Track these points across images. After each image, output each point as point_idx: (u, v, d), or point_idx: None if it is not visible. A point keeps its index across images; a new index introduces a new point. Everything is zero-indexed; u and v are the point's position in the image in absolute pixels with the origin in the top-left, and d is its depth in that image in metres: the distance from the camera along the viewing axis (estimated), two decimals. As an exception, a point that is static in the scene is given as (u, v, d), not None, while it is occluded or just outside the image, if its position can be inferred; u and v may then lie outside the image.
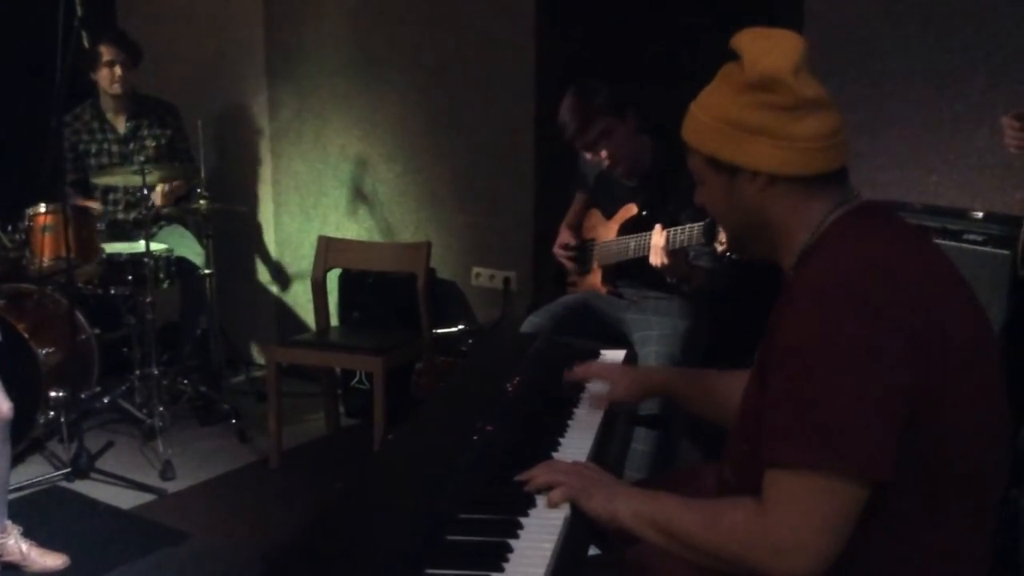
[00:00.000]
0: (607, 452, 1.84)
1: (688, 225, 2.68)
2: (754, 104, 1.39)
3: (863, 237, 1.37)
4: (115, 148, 4.25)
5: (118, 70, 4.11)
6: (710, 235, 2.57)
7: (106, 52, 4.08)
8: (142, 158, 3.98)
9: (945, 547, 1.35)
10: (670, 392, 2.00)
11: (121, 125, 4.27)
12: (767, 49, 1.39)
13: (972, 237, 2.51)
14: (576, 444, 1.80)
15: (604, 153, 2.96)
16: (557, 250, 3.31)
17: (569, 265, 3.30)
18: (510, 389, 2.05)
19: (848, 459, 1.23)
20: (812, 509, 1.25)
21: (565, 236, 3.29)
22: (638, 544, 1.50)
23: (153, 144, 4.27)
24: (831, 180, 1.42)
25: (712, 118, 1.43)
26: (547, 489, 1.51)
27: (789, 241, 1.44)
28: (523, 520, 1.44)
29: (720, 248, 2.53)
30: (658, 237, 2.76)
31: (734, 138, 1.40)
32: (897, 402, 1.25)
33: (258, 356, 4.89)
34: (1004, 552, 2.15)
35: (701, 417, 1.92)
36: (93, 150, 4.25)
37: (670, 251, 2.74)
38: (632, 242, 3.01)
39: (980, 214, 2.62)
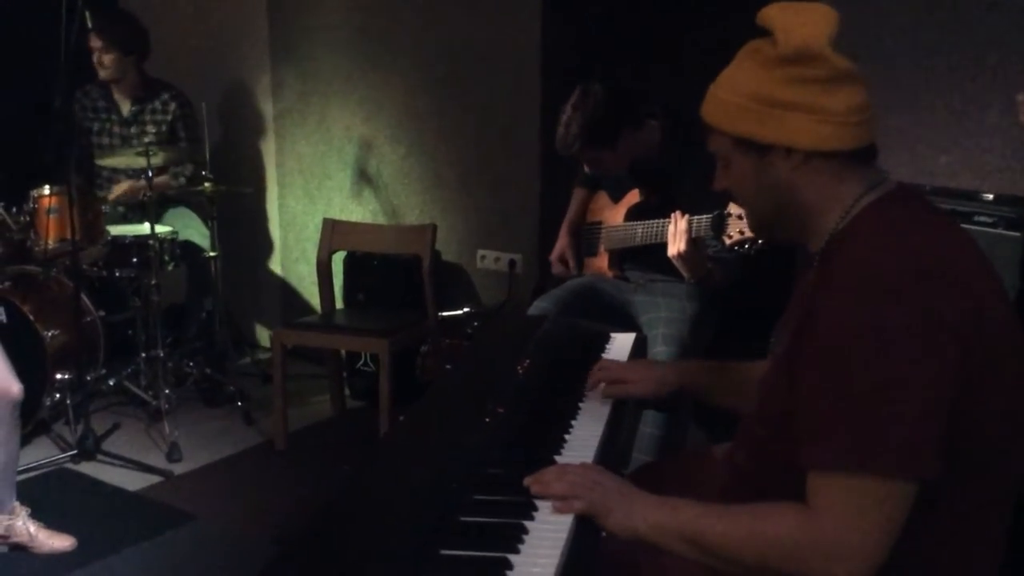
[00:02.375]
0: (618, 435, 1.83)
1: (696, 217, 2.65)
2: (788, 79, 1.35)
3: (899, 226, 1.34)
4: (117, 129, 4.24)
5: (102, 58, 4.11)
6: (719, 228, 2.53)
7: (92, 39, 4.07)
8: (144, 140, 3.96)
9: (969, 534, 1.34)
10: (690, 387, 1.95)
11: (126, 107, 4.25)
12: (800, 22, 1.36)
13: (983, 219, 2.50)
14: (588, 427, 1.79)
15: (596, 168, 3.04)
16: (554, 261, 3.32)
17: (564, 274, 3.30)
18: (520, 371, 2.05)
19: (899, 459, 1.21)
20: (865, 511, 1.22)
21: (563, 245, 3.29)
22: None
23: (154, 129, 4.25)
24: (862, 159, 1.40)
25: (741, 97, 1.39)
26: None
27: (819, 222, 1.42)
28: (538, 502, 1.43)
29: (728, 242, 2.49)
30: (682, 223, 2.67)
31: (767, 115, 1.37)
32: (943, 397, 1.23)
33: (263, 338, 4.89)
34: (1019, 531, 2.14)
35: (725, 410, 1.86)
36: (96, 128, 4.24)
37: (691, 239, 2.67)
38: (640, 229, 2.99)
39: (991, 196, 2.61)
